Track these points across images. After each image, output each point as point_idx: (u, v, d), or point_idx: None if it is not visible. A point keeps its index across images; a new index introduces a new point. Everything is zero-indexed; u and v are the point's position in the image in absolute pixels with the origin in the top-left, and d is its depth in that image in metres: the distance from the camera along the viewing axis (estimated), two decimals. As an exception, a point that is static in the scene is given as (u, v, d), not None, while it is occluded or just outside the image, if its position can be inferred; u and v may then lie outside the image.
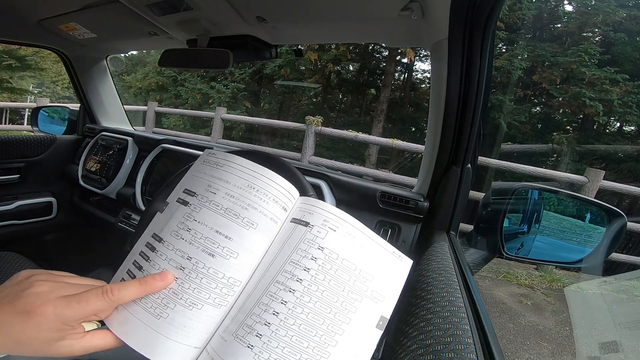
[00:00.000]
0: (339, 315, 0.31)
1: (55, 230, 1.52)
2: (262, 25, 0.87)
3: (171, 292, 0.32)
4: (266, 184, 0.35)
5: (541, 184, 1.65)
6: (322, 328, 0.30)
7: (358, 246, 0.33)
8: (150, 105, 6.22)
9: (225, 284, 0.32)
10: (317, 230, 0.33)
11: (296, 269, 0.32)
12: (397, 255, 0.35)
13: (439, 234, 0.78)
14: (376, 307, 0.32)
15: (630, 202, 5.73)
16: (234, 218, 0.33)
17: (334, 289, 0.31)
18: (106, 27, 1.11)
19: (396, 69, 8.78)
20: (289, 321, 0.30)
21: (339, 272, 0.32)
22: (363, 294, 0.32)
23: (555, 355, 2.28)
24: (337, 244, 0.33)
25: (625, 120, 6.75)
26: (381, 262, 0.34)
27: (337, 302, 0.31)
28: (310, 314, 0.30)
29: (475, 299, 0.47)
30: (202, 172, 0.36)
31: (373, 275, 0.33)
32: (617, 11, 6.52)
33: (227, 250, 0.32)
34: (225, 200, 0.34)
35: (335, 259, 0.32)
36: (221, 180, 0.35)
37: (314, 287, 0.31)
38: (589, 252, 0.80)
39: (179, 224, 0.34)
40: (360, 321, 0.31)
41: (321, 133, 4.36)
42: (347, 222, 0.34)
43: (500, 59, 6.97)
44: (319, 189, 0.88)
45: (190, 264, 0.32)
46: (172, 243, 0.33)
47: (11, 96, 7.75)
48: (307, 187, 0.75)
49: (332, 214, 0.34)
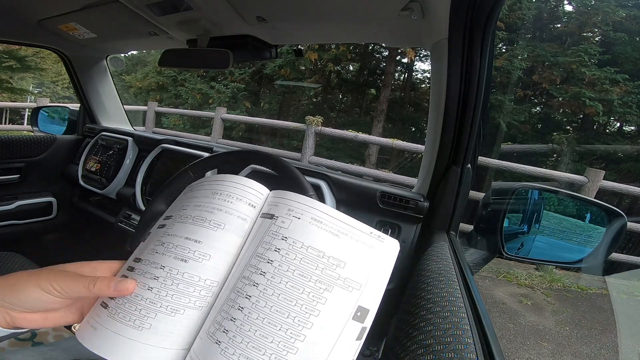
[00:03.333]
0: (306, 307, 0.29)
1: (55, 230, 1.52)
2: (262, 25, 0.87)
3: (149, 302, 0.31)
4: (229, 186, 0.36)
5: (541, 184, 1.65)
6: (287, 322, 0.29)
7: (326, 232, 0.31)
8: (150, 105, 6.22)
9: (202, 287, 0.32)
10: (282, 221, 0.32)
11: (260, 262, 0.31)
12: (376, 236, 0.32)
13: (439, 234, 0.78)
14: (351, 296, 0.30)
15: (630, 202, 5.72)
16: (202, 222, 0.34)
17: (299, 280, 0.30)
18: (106, 27, 1.11)
19: (396, 69, 8.78)
20: (253, 315, 0.29)
21: (303, 261, 0.30)
22: (333, 282, 0.30)
23: (555, 355, 2.28)
24: (302, 232, 0.31)
25: (625, 120, 6.75)
26: (355, 246, 0.31)
27: (303, 293, 0.29)
28: (273, 307, 0.29)
29: (475, 299, 0.47)
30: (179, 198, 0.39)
31: (345, 262, 0.30)
32: (617, 11, 6.52)
33: (199, 253, 0.33)
34: (194, 210, 0.35)
35: (300, 247, 0.31)
36: (192, 197, 0.37)
37: (277, 278, 0.30)
38: (589, 252, 0.80)
39: (155, 242, 0.35)
40: (331, 312, 0.29)
41: (321, 133, 4.36)
42: (312, 207, 0.32)
43: (500, 59, 6.97)
44: (319, 189, 0.88)
45: (164, 272, 0.32)
46: (147, 259, 0.34)
47: (11, 96, 7.75)
48: (307, 187, 0.74)
49: (296, 201, 0.33)
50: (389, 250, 0.32)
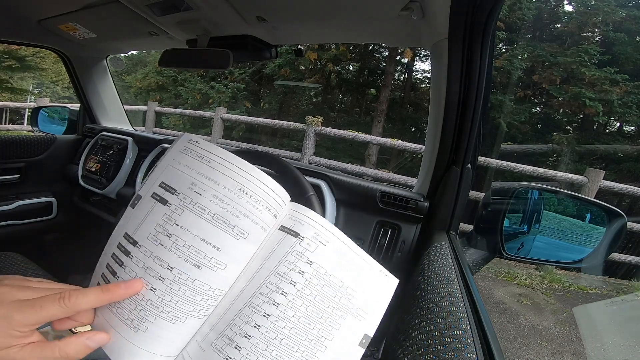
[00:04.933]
0: (323, 331, 0.30)
1: (55, 230, 1.52)
2: (262, 25, 0.87)
3: (149, 304, 0.29)
4: (259, 188, 0.31)
5: (541, 184, 1.65)
6: (304, 344, 0.29)
7: (346, 262, 0.32)
8: (150, 105, 6.21)
9: (211, 296, 0.30)
10: (307, 243, 0.31)
11: (282, 281, 0.30)
12: (384, 274, 0.34)
13: (439, 234, 0.78)
14: (360, 324, 0.32)
15: (630, 202, 5.73)
16: (224, 226, 0.30)
17: (319, 305, 0.30)
18: (106, 27, 1.11)
19: (396, 69, 8.78)
20: (271, 335, 0.29)
21: (325, 287, 0.31)
22: (348, 311, 0.31)
23: (555, 355, 2.28)
24: (326, 259, 0.31)
25: (625, 120, 6.75)
26: (367, 279, 0.33)
27: (322, 318, 0.30)
28: (293, 329, 0.29)
29: (475, 299, 0.47)
30: (182, 164, 0.31)
31: (358, 293, 0.32)
32: (617, 11, 6.52)
33: (215, 261, 0.29)
34: (214, 204, 0.29)
35: (323, 274, 0.31)
36: (208, 179, 0.30)
37: (299, 301, 0.30)
38: (589, 252, 0.80)
39: (157, 227, 0.29)
40: (343, 338, 0.31)
41: (321, 133, 4.36)
42: (337, 238, 0.33)
43: (500, 59, 6.97)
44: (319, 189, 0.88)
45: (171, 274, 0.29)
46: (149, 249, 0.29)
47: (11, 96, 7.75)
48: (307, 187, 0.74)
49: (324, 227, 0.32)
50: (391, 286, 0.34)
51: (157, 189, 0.31)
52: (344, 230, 0.34)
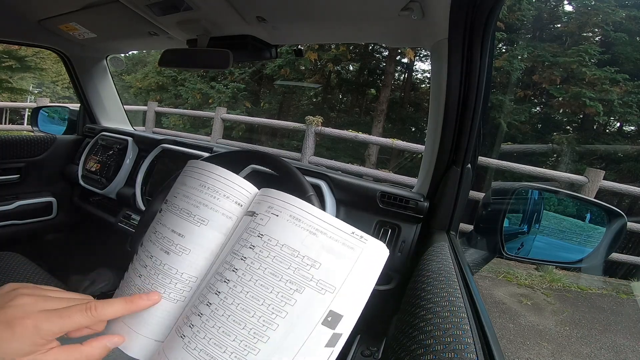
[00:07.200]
0: (273, 307, 0.28)
1: (55, 230, 1.52)
2: (262, 25, 0.87)
3: (136, 289, 0.34)
4: (217, 181, 0.35)
5: (541, 184, 1.65)
6: (252, 321, 0.28)
7: (303, 230, 0.29)
8: (150, 105, 6.22)
9: (179, 280, 0.33)
10: (260, 218, 0.31)
11: (234, 258, 0.31)
12: (358, 236, 0.29)
13: (439, 234, 0.78)
14: (322, 299, 0.28)
15: (630, 202, 5.73)
16: (187, 216, 0.35)
17: (269, 279, 0.28)
18: (106, 27, 1.11)
19: (396, 69, 8.78)
20: (219, 312, 0.29)
21: (276, 259, 0.29)
22: (305, 283, 0.28)
23: (556, 355, 2.28)
24: (278, 230, 0.30)
25: (626, 120, 6.75)
26: (334, 246, 0.29)
27: (272, 292, 0.28)
28: (240, 305, 0.28)
29: (475, 299, 0.47)
30: (178, 182, 0.38)
31: (321, 262, 0.28)
32: (617, 11, 6.52)
33: (180, 247, 0.34)
34: (182, 201, 0.36)
35: (274, 245, 0.29)
36: (183, 185, 0.37)
37: (248, 276, 0.29)
38: (589, 252, 0.80)
39: (151, 229, 0.37)
40: (298, 315, 0.27)
41: (321, 133, 4.36)
42: (292, 205, 0.30)
43: (500, 59, 6.97)
44: (319, 189, 0.88)
45: (151, 261, 0.34)
46: (145, 245, 0.36)
47: (11, 96, 7.75)
48: (307, 187, 0.74)
49: (277, 198, 0.32)
50: (373, 253, 0.29)
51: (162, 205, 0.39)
52: None
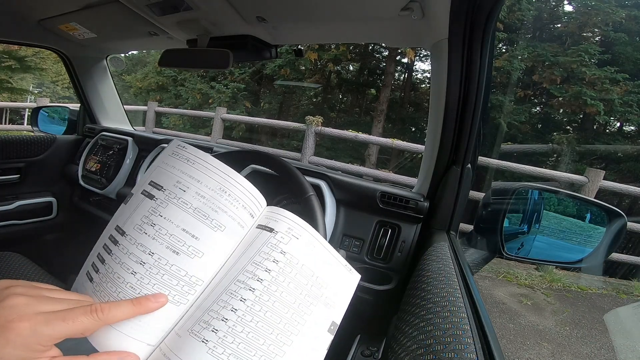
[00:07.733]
0: (296, 316, 0.32)
1: (55, 230, 1.52)
2: (262, 25, 0.87)
3: (129, 287, 0.31)
4: (238, 189, 0.35)
5: (541, 184, 1.65)
6: (279, 327, 0.31)
7: (317, 255, 0.35)
8: (150, 105, 6.21)
9: (186, 282, 0.32)
10: (281, 236, 0.35)
11: (257, 269, 0.33)
12: (349, 269, 0.38)
13: (439, 234, 0.78)
14: (329, 312, 0.34)
15: (630, 202, 5.73)
16: (203, 219, 0.33)
17: (293, 291, 0.33)
18: (106, 27, 1.11)
19: (396, 69, 8.78)
20: (247, 318, 0.31)
21: (298, 275, 0.34)
22: (318, 299, 0.34)
23: (556, 355, 2.28)
24: (299, 251, 0.35)
25: (626, 119, 6.75)
26: (335, 272, 0.36)
27: (295, 303, 0.33)
28: (268, 313, 0.31)
29: (475, 299, 0.47)
30: (170, 165, 0.35)
31: (328, 283, 0.35)
32: (617, 11, 6.52)
33: (193, 249, 0.32)
34: (195, 200, 0.33)
35: (296, 263, 0.34)
36: (192, 178, 0.34)
37: (274, 287, 0.32)
38: (589, 252, 0.80)
39: (143, 218, 0.33)
40: (314, 323, 0.33)
41: (321, 133, 4.36)
42: (308, 233, 0.36)
43: (500, 59, 6.97)
44: (319, 189, 0.88)
45: (152, 259, 0.31)
46: (134, 237, 0.32)
47: (11, 96, 7.74)
48: (307, 187, 0.74)
49: (296, 223, 0.36)
50: (353, 280, 0.38)
51: (146, 186, 0.35)
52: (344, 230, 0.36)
